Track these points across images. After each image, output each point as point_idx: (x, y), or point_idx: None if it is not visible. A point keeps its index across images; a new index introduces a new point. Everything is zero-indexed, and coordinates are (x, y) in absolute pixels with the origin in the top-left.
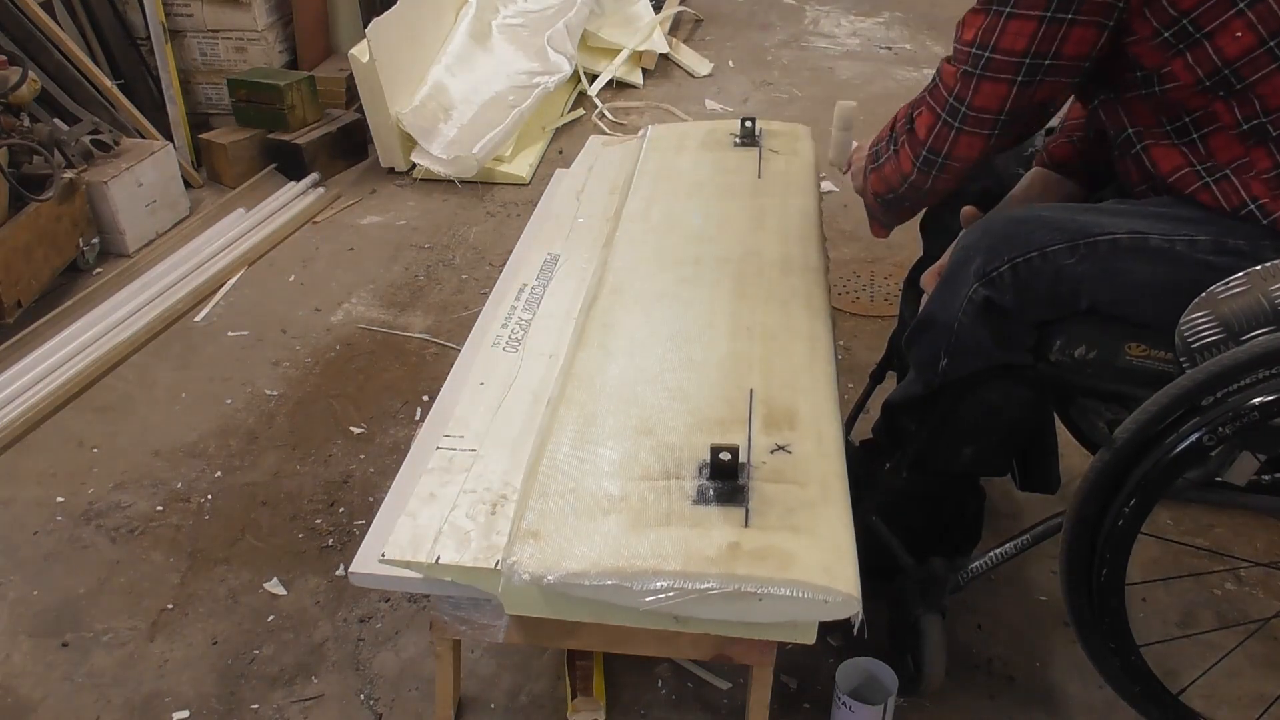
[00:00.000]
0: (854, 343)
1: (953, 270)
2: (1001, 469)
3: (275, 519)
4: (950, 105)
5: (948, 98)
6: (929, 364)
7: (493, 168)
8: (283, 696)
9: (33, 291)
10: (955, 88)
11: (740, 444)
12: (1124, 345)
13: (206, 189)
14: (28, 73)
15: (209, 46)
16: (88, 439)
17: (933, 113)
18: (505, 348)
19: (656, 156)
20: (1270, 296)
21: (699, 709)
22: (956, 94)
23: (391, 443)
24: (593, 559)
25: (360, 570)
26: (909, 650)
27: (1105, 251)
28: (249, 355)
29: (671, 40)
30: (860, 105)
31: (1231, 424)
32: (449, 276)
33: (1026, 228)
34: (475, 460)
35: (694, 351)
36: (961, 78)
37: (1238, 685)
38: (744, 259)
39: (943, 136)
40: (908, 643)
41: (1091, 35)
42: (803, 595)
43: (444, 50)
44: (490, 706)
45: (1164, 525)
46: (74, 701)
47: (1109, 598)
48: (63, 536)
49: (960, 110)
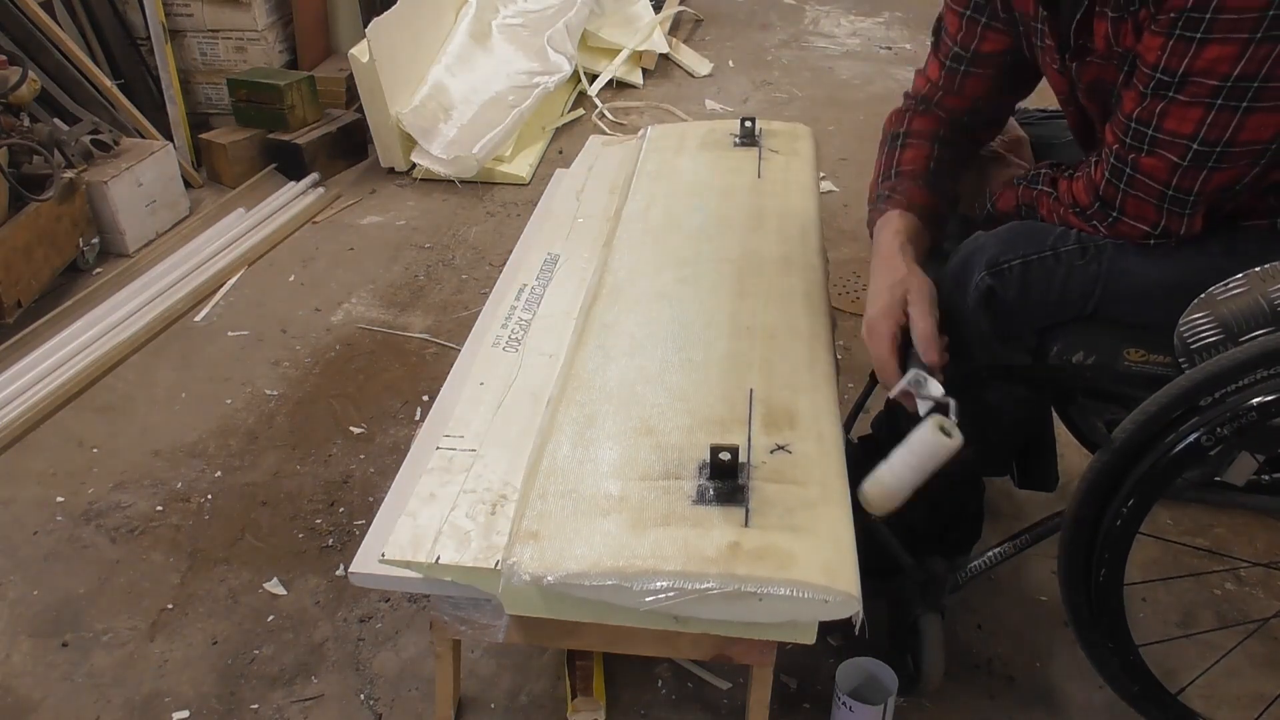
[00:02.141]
0: (854, 343)
1: (964, 259)
2: (1001, 469)
3: (275, 519)
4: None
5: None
6: None
7: (493, 168)
8: (283, 696)
9: (33, 291)
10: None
11: (740, 444)
12: (1123, 351)
13: (206, 189)
14: (28, 73)
15: (209, 46)
16: (88, 439)
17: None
18: (505, 348)
19: (656, 156)
20: (1269, 297)
21: (699, 709)
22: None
23: (391, 443)
24: (593, 559)
25: (360, 570)
26: (909, 650)
27: (1114, 252)
28: (249, 355)
29: (671, 40)
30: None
31: (1230, 424)
32: (449, 276)
33: (1044, 230)
34: (475, 460)
35: (694, 351)
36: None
37: (1237, 685)
38: (744, 259)
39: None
40: (907, 642)
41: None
42: (803, 595)
43: (444, 50)
44: (490, 706)
45: (1164, 525)
46: (74, 701)
47: (1108, 597)
48: (63, 536)
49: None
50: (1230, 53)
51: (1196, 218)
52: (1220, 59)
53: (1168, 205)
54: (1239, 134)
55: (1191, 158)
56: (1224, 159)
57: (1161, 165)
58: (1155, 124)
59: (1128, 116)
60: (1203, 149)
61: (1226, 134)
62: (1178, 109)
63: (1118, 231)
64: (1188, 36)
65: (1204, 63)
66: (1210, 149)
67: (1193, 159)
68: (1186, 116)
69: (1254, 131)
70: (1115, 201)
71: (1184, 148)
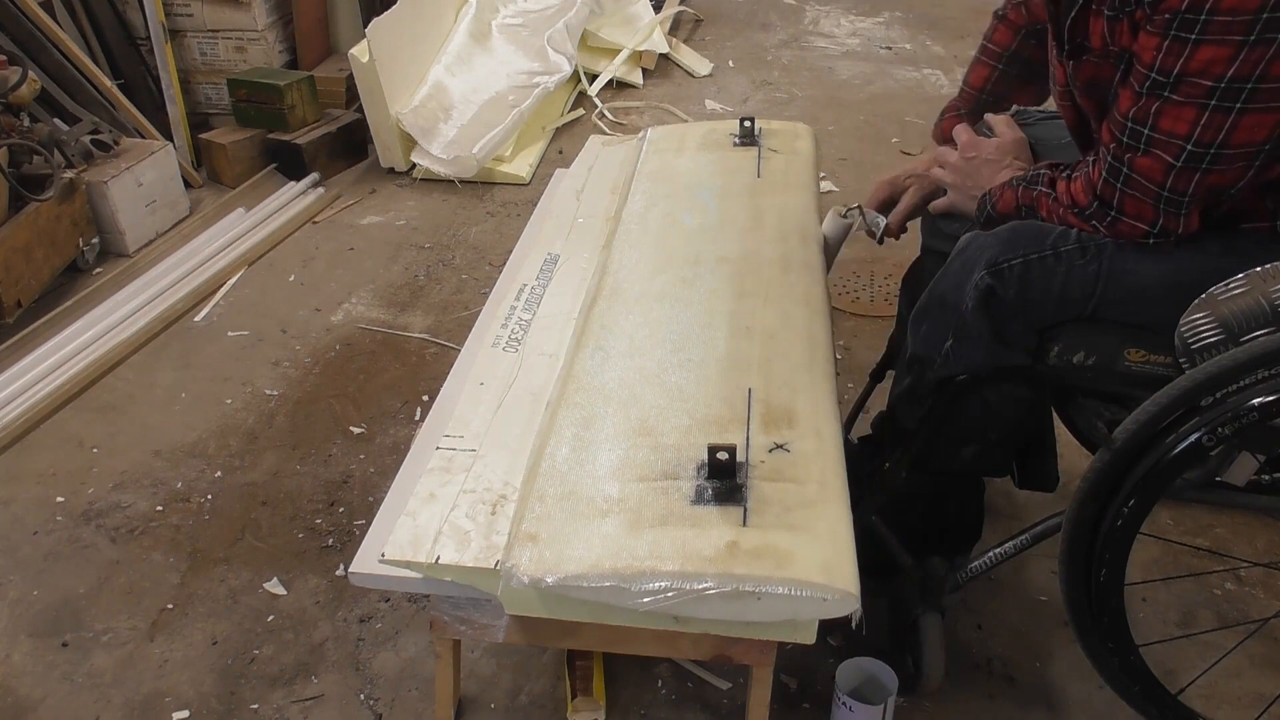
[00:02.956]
0: (854, 343)
1: (966, 256)
2: (1002, 469)
3: (275, 519)
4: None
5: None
6: (934, 344)
7: (493, 168)
8: (283, 696)
9: (33, 291)
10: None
11: (738, 443)
12: (1123, 351)
13: (206, 189)
14: (28, 73)
15: (209, 46)
16: (88, 439)
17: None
18: (505, 348)
19: (656, 157)
20: (1270, 298)
21: (699, 709)
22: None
23: (391, 443)
24: (591, 560)
25: (360, 570)
26: (909, 650)
27: (1114, 252)
28: (249, 355)
29: (671, 40)
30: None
31: (1231, 424)
32: (449, 276)
33: (1044, 229)
34: (475, 460)
35: (693, 351)
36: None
37: (1237, 685)
38: (743, 258)
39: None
40: (907, 642)
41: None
42: (801, 593)
43: (444, 50)
44: (490, 706)
45: (1164, 525)
46: (74, 701)
47: (1108, 597)
48: (63, 536)
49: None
50: (1225, 54)
51: (1193, 216)
52: (1215, 60)
53: (1163, 205)
54: (1233, 135)
55: (1185, 158)
56: (1218, 160)
57: (1157, 165)
58: (1151, 123)
59: (1124, 115)
60: (1197, 150)
61: (1220, 135)
62: (1172, 109)
63: (1117, 231)
64: (1183, 37)
65: (1198, 63)
66: (1204, 150)
67: (1187, 160)
68: (1181, 116)
69: (1248, 133)
70: (1113, 201)
71: (1178, 148)
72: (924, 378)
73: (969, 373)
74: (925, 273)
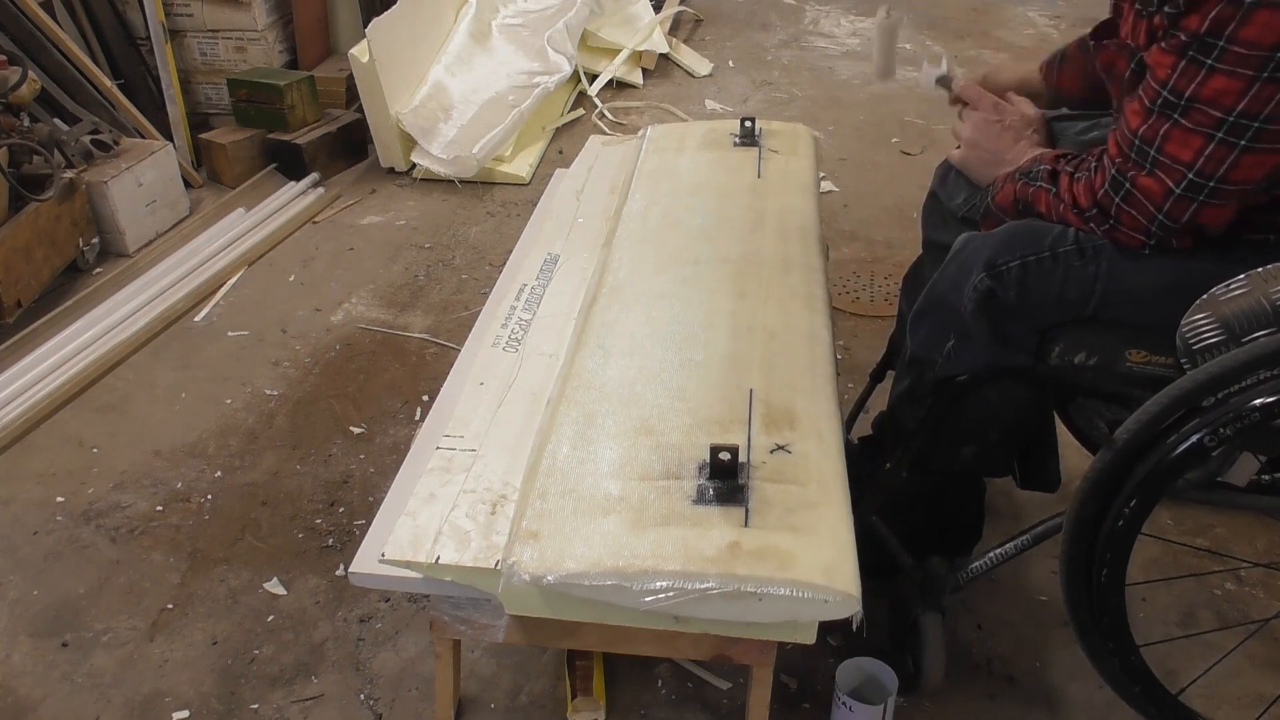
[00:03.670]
0: (854, 343)
1: (963, 257)
2: (1002, 469)
3: (275, 519)
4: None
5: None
6: (935, 344)
7: (493, 168)
8: (283, 696)
9: (33, 291)
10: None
11: (740, 444)
12: (1124, 352)
13: (206, 189)
14: (28, 73)
15: (209, 46)
16: (88, 439)
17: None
18: (505, 347)
19: (656, 156)
20: (1271, 298)
21: (699, 709)
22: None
23: (391, 443)
24: (592, 559)
25: (360, 570)
26: (909, 650)
27: (1112, 253)
28: (249, 355)
29: (671, 40)
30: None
31: (1232, 425)
32: (449, 276)
33: (1041, 230)
34: (475, 460)
35: (694, 351)
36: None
37: (1238, 685)
38: (744, 259)
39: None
40: (907, 642)
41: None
42: (802, 595)
43: (444, 50)
44: (490, 706)
45: (1164, 525)
46: (74, 701)
47: (1109, 598)
48: (63, 536)
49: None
50: (1236, 87)
51: (1186, 238)
52: (1226, 91)
53: (1156, 228)
54: (1232, 172)
55: (1185, 186)
56: (1215, 195)
57: (1158, 188)
58: (1158, 145)
59: (1133, 132)
60: (1197, 180)
61: (1221, 169)
62: (1180, 134)
63: (1114, 238)
64: (1199, 60)
65: (1210, 92)
66: (1204, 181)
67: (1186, 188)
68: (1188, 144)
69: (1247, 171)
70: (1111, 211)
71: (1180, 174)
72: (924, 378)
73: (970, 373)
74: (925, 272)
